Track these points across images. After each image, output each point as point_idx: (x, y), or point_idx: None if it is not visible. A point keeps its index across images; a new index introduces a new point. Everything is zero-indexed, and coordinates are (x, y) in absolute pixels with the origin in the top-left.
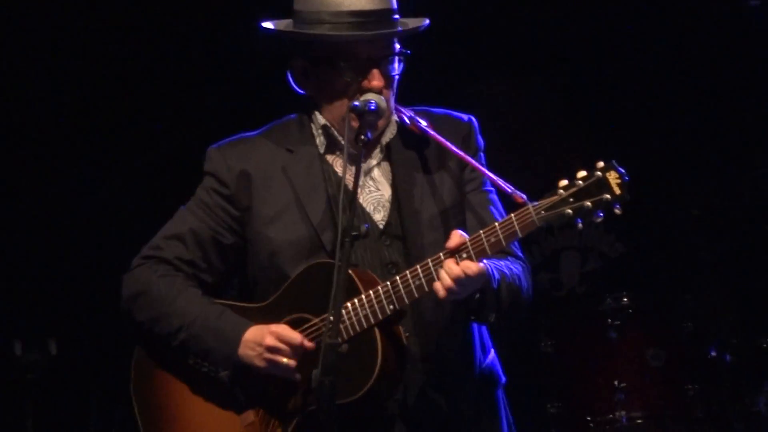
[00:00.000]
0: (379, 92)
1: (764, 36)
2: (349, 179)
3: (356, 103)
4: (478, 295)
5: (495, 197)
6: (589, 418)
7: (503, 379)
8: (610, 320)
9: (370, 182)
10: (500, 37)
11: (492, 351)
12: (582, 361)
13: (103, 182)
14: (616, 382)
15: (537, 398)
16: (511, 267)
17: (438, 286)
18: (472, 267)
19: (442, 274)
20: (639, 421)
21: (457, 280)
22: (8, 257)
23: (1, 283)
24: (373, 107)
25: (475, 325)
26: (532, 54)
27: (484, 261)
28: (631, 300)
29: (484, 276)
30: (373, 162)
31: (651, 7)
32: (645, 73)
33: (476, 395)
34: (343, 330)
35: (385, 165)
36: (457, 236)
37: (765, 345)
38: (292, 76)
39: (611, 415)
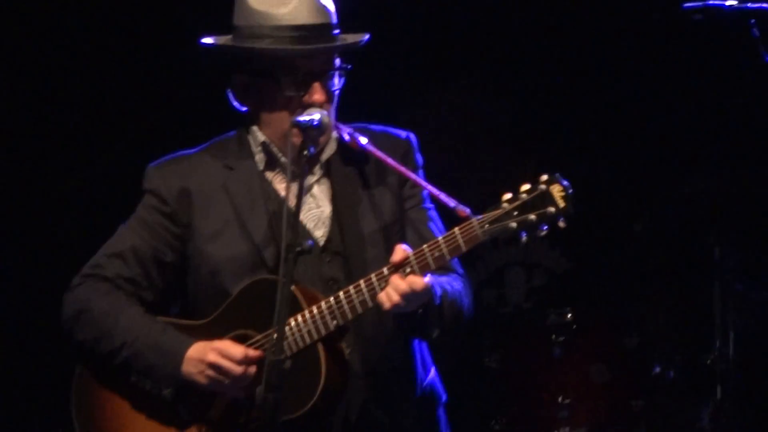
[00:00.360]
0: (320, 106)
1: (706, 52)
2: (290, 196)
3: (299, 118)
4: (420, 311)
5: (434, 214)
6: None
7: (444, 397)
8: (554, 336)
9: (310, 199)
10: (442, 48)
11: (433, 369)
12: (526, 376)
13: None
14: (560, 399)
15: (481, 414)
16: (452, 283)
17: (383, 298)
18: (418, 282)
19: (388, 288)
20: None
21: (403, 295)
22: None
23: None
24: (316, 123)
25: (416, 343)
26: (475, 64)
27: (428, 276)
28: (575, 316)
29: (429, 291)
30: (313, 179)
31: (593, 20)
32: (590, 88)
33: (418, 413)
34: (286, 346)
35: (325, 181)
36: (401, 251)
37: (708, 362)
38: (232, 92)
39: (556, 431)
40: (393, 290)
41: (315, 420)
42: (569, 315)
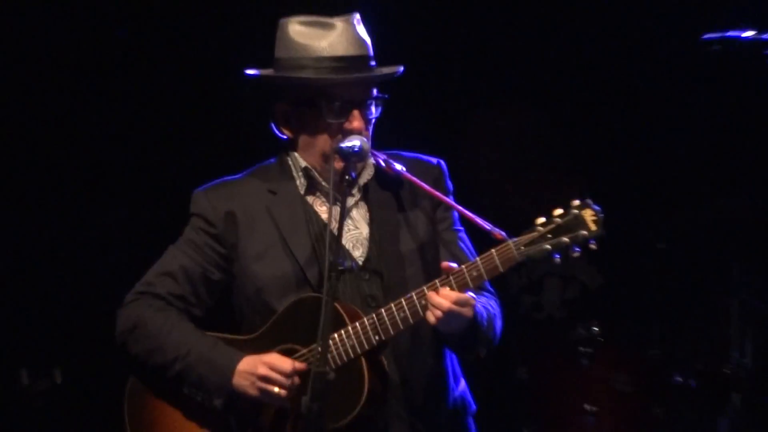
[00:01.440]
0: (359, 133)
1: (724, 80)
2: (331, 218)
3: (342, 144)
4: (469, 330)
5: (465, 235)
6: None
7: (473, 407)
8: (581, 348)
9: (349, 221)
10: (466, 79)
11: (462, 380)
12: (555, 386)
13: (100, 224)
14: (587, 407)
15: (512, 423)
16: (490, 304)
17: (429, 315)
18: (461, 296)
19: (435, 301)
20: None
21: (448, 310)
22: (16, 291)
23: (9, 315)
24: (357, 149)
25: (447, 356)
26: (507, 90)
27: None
28: (601, 329)
29: (471, 308)
30: (352, 202)
31: (613, 50)
32: (619, 116)
33: (450, 423)
34: (330, 359)
35: (363, 205)
36: (448, 265)
37: (726, 371)
38: (273, 121)
39: None
40: (439, 304)
41: (358, 428)
42: (595, 328)
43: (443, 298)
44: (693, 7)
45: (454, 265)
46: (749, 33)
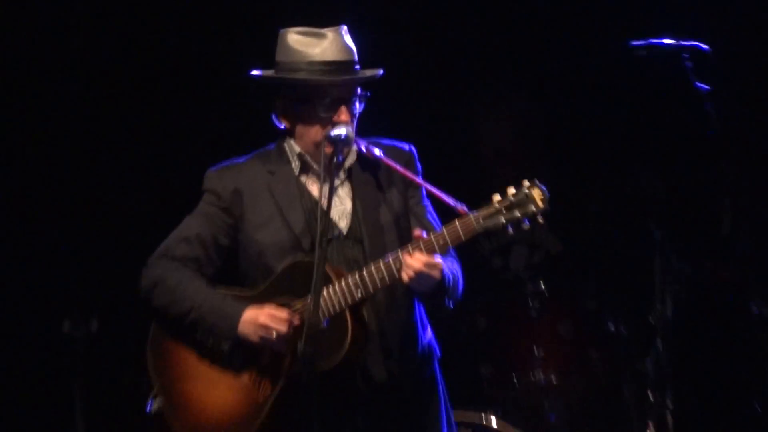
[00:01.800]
0: (345, 124)
1: (648, 80)
2: (322, 195)
3: (331, 132)
4: (439, 289)
5: (432, 209)
6: (514, 377)
7: (438, 353)
8: (531, 301)
9: (336, 198)
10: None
11: (430, 330)
12: (508, 333)
13: (131, 196)
14: (535, 349)
15: (474, 363)
16: (454, 266)
17: (403, 274)
18: (430, 260)
19: (409, 263)
20: (553, 379)
21: (418, 270)
22: (60, 253)
23: (53, 273)
24: (344, 136)
25: (417, 310)
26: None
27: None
28: (546, 285)
29: (439, 270)
30: (338, 182)
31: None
32: (565, 107)
33: (419, 366)
34: (321, 312)
35: (347, 184)
36: (418, 232)
37: (651, 320)
38: (274, 113)
39: (532, 375)
40: (411, 265)
41: (343, 370)
42: (542, 285)
43: (415, 260)
44: (622, 18)
45: (424, 233)
46: (669, 40)
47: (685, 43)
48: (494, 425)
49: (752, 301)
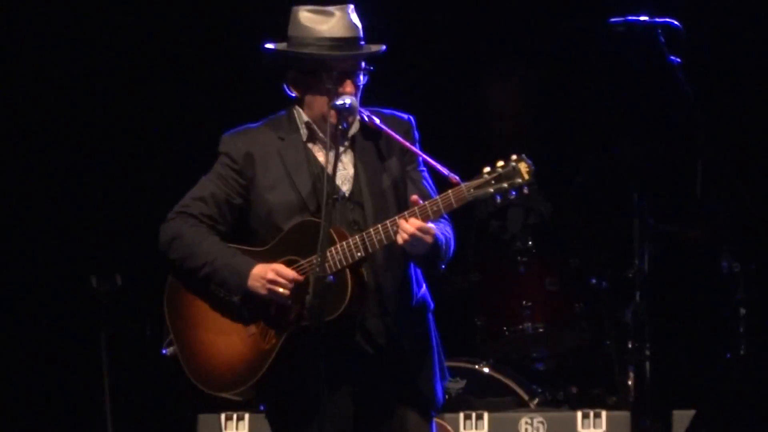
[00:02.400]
0: (350, 96)
1: (627, 53)
2: (327, 161)
3: (337, 102)
4: (432, 252)
5: (427, 175)
6: (505, 328)
7: (432, 305)
8: (519, 257)
9: (340, 163)
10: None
11: (424, 285)
12: (499, 287)
13: (150, 163)
14: (523, 302)
15: (467, 315)
16: (446, 229)
17: (399, 237)
18: (424, 225)
19: (404, 227)
20: (540, 330)
21: (412, 234)
22: (85, 215)
23: (81, 233)
24: (348, 105)
25: (412, 268)
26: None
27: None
28: (534, 243)
29: (432, 235)
30: (342, 149)
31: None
32: (556, 83)
33: (413, 318)
34: (325, 268)
35: (350, 151)
36: (415, 198)
37: (629, 275)
38: (285, 83)
39: (521, 326)
40: (406, 228)
41: (344, 322)
42: (530, 242)
43: (410, 224)
44: None
45: (420, 200)
46: (644, 17)
47: (659, 20)
48: (486, 373)
49: (722, 257)
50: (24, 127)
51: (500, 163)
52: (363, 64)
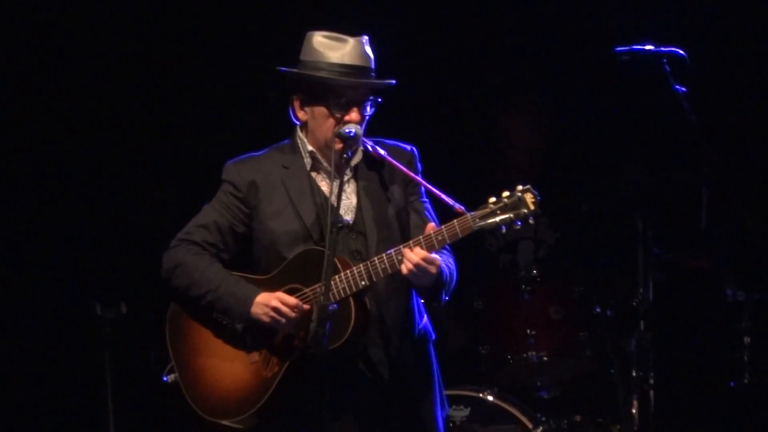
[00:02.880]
0: (355, 125)
1: (631, 84)
2: (333, 190)
3: (342, 130)
4: (436, 284)
5: (429, 206)
6: (509, 356)
7: (433, 336)
8: (524, 286)
9: (343, 193)
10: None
11: (425, 315)
12: (504, 315)
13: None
14: (528, 330)
15: (472, 343)
16: (449, 260)
17: (403, 267)
18: (429, 256)
19: (409, 257)
20: (544, 358)
21: (417, 264)
22: (91, 244)
23: (86, 262)
24: (353, 134)
25: (414, 298)
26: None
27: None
28: (539, 272)
29: (436, 267)
30: (345, 178)
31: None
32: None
33: (415, 348)
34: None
35: (353, 181)
36: (430, 227)
37: (634, 303)
38: (291, 108)
39: (525, 354)
40: (410, 259)
41: (346, 350)
42: (534, 271)
43: (415, 254)
44: (607, 26)
45: (436, 227)
46: (650, 46)
47: (664, 49)
48: (490, 401)
49: (726, 286)
50: (30, 154)
51: (506, 194)
52: (371, 95)
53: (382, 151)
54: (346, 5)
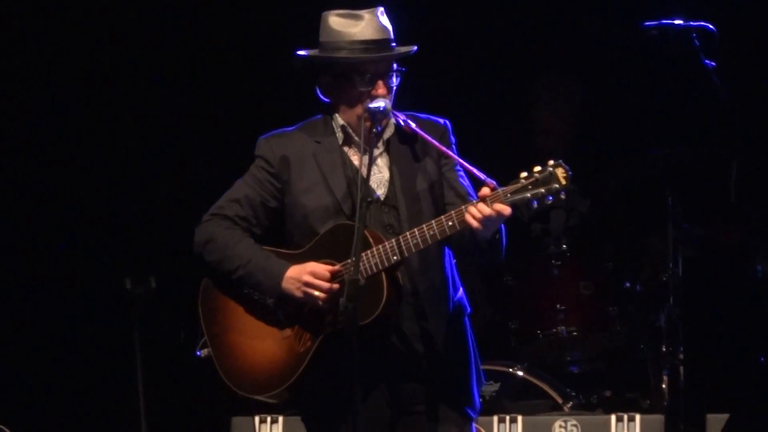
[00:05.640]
0: (383, 97)
1: (661, 56)
2: (362, 164)
3: (370, 105)
4: (497, 236)
5: (464, 173)
6: (538, 332)
7: (469, 309)
8: (553, 261)
9: (375, 167)
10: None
11: (461, 288)
12: (534, 290)
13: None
14: (558, 305)
15: (502, 318)
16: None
17: (469, 219)
18: (485, 209)
19: (473, 211)
20: (574, 333)
21: (488, 215)
22: (122, 218)
23: (117, 236)
24: (382, 108)
25: (448, 270)
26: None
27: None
28: (568, 246)
29: (507, 215)
30: (377, 152)
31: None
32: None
33: (449, 322)
34: (360, 272)
35: (385, 155)
36: (486, 188)
37: (663, 279)
38: (318, 89)
39: (555, 329)
40: (475, 213)
41: (379, 325)
42: (564, 245)
43: (484, 207)
44: (636, 1)
45: (496, 186)
46: (679, 21)
47: (694, 23)
48: (520, 376)
49: (756, 261)
50: (61, 131)
51: (537, 169)
52: (395, 65)
53: (413, 125)
54: None
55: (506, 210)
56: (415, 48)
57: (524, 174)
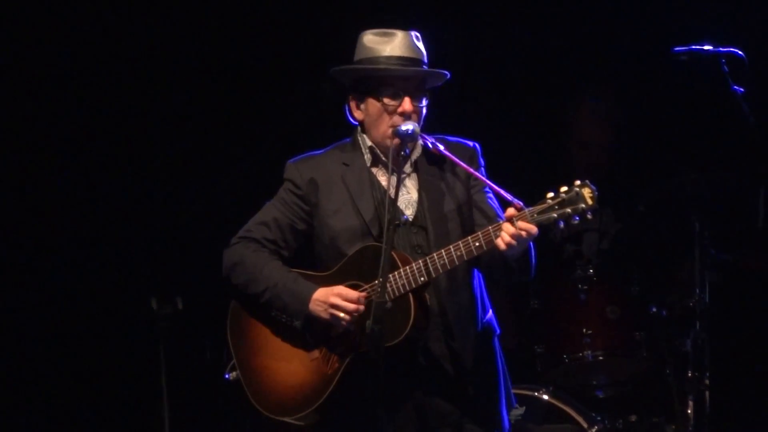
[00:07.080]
0: (409, 117)
1: (690, 83)
2: (390, 185)
3: (400, 127)
4: (526, 256)
5: (492, 196)
6: (564, 356)
7: (498, 330)
8: (580, 285)
9: (403, 188)
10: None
11: (490, 310)
12: (560, 314)
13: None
14: (584, 330)
15: (527, 342)
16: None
17: (499, 242)
18: (531, 227)
19: (499, 232)
20: (600, 358)
21: (515, 235)
22: (149, 240)
23: (144, 257)
24: (411, 131)
25: (477, 291)
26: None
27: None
28: (595, 271)
29: (534, 235)
30: (405, 173)
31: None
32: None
33: (479, 343)
34: (387, 293)
35: (414, 176)
36: (512, 209)
37: (690, 304)
38: (347, 109)
39: (581, 354)
40: (505, 233)
41: (406, 346)
42: (590, 270)
43: (510, 227)
44: (666, 26)
45: (523, 207)
46: (708, 47)
47: (723, 49)
48: (546, 400)
49: None
50: (88, 152)
51: (564, 189)
52: (425, 88)
53: (441, 147)
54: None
55: (533, 229)
56: (448, 74)
57: (551, 194)
